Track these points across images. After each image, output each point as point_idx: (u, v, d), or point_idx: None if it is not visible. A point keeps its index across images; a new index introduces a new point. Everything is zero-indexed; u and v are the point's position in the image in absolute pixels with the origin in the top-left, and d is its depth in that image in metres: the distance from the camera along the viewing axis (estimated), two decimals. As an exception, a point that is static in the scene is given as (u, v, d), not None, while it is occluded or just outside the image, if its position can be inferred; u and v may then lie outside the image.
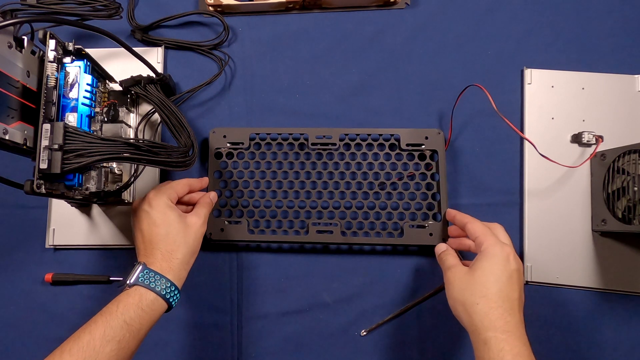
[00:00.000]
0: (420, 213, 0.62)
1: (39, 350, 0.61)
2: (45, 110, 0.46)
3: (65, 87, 0.50)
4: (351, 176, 0.63)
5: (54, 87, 0.48)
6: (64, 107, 0.50)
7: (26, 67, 0.46)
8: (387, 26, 0.68)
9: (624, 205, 0.56)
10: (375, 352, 0.62)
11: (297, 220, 0.62)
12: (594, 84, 0.64)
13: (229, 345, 0.62)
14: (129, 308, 0.44)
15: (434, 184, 0.62)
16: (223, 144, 0.63)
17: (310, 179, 0.63)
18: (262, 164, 0.64)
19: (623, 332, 0.61)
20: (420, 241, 0.61)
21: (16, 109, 0.45)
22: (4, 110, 0.43)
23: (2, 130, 0.42)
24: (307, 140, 0.63)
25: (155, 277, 0.47)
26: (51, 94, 0.47)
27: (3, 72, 0.43)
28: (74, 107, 0.50)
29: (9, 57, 0.44)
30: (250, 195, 0.63)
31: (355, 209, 0.62)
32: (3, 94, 0.43)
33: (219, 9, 0.67)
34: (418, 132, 0.63)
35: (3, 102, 0.43)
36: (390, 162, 0.63)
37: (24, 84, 0.46)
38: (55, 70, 0.48)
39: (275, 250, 0.64)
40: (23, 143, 0.45)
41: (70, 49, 0.50)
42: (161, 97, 0.57)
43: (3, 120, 0.42)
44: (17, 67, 0.45)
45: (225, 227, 0.61)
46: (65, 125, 0.43)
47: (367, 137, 0.63)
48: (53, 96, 0.47)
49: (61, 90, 0.49)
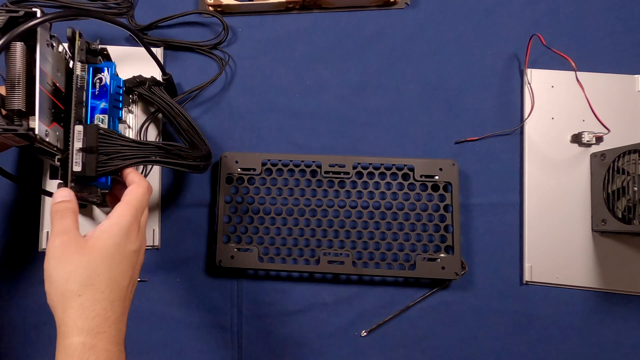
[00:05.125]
0: (433, 245, 0.62)
1: (39, 350, 0.62)
2: (76, 111, 0.45)
3: (93, 87, 0.48)
4: (363, 205, 0.63)
5: (83, 87, 0.47)
6: (93, 108, 0.48)
7: (56, 66, 0.44)
8: (387, 26, 0.68)
9: (624, 205, 0.56)
10: (375, 352, 0.62)
11: (307, 249, 0.62)
12: (594, 84, 0.64)
13: (229, 345, 0.62)
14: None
15: (447, 216, 0.62)
16: (234, 168, 0.63)
17: (322, 207, 0.63)
18: (273, 191, 0.63)
19: (623, 332, 0.61)
20: (432, 275, 0.60)
21: (52, 109, 0.43)
22: (45, 112, 0.41)
23: (45, 131, 0.40)
24: (319, 167, 0.63)
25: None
26: (81, 95, 0.46)
27: (45, 71, 0.41)
28: (104, 109, 0.48)
29: (47, 56, 0.42)
30: (260, 222, 0.62)
31: (367, 239, 0.62)
32: (45, 95, 0.41)
33: (218, 9, 0.67)
34: (432, 162, 0.62)
35: (45, 103, 0.41)
36: (403, 192, 0.63)
37: (56, 84, 0.44)
38: (84, 70, 0.47)
39: (284, 278, 0.63)
40: (55, 145, 0.43)
41: (96, 48, 0.49)
42: (168, 100, 0.57)
43: (44, 121, 0.41)
44: (51, 67, 0.43)
45: (235, 255, 0.61)
46: (98, 127, 0.43)
47: (380, 167, 0.63)
48: (83, 97, 0.46)
49: (89, 91, 0.48)
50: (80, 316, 0.33)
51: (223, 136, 0.66)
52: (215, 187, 0.64)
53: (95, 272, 0.34)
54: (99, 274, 0.34)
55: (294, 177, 0.64)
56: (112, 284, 0.35)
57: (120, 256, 0.36)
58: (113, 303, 0.34)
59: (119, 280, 0.35)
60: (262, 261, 0.61)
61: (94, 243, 0.36)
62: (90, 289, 0.33)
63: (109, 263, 0.35)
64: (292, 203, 0.63)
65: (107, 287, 0.34)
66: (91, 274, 0.34)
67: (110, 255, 0.35)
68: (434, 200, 0.63)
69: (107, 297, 0.34)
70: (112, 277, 0.35)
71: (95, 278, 0.34)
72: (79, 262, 0.34)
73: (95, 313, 0.33)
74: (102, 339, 0.33)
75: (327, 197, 0.63)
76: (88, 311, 0.33)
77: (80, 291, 0.33)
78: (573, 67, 0.63)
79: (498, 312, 0.62)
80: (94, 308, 0.33)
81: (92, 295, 0.33)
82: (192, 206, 0.64)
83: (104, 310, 0.33)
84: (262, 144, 0.66)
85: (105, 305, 0.34)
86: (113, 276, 0.35)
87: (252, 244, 0.62)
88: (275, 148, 0.65)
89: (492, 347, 0.61)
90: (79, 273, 0.34)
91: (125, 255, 0.37)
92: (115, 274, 0.35)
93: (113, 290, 0.35)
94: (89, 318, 0.33)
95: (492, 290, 0.62)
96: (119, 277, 0.35)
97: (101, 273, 0.34)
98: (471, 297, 0.62)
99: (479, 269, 0.63)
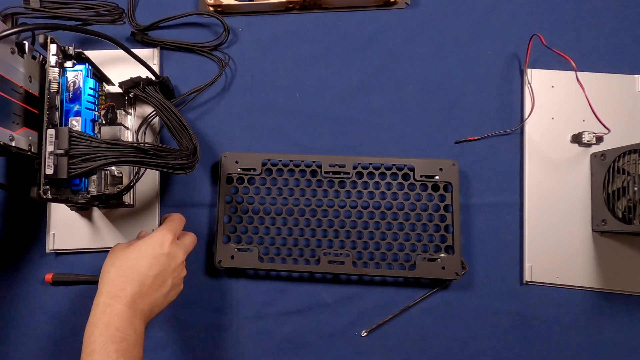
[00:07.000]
0: (433, 245, 0.62)
1: (39, 350, 0.62)
2: (49, 115, 0.46)
3: (67, 91, 0.50)
4: (363, 205, 0.63)
5: (57, 91, 0.48)
6: (67, 111, 0.50)
7: (28, 73, 0.46)
8: (387, 26, 0.68)
9: (624, 205, 0.56)
10: (375, 352, 0.62)
11: (307, 249, 0.62)
12: (594, 84, 0.64)
13: (229, 345, 0.62)
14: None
15: (447, 216, 0.62)
16: (235, 169, 0.63)
17: (322, 207, 0.63)
18: (273, 191, 0.63)
19: (623, 332, 0.61)
20: (432, 275, 0.60)
21: (20, 114, 0.45)
22: (8, 117, 0.43)
23: (9, 136, 0.42)
24: (319, 167, 0.63)
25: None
26: (54, 99, 0.47)
27: (6, 77, 0.43)
28: (78, 112, 0.50)
29: (11, 63, 0.44)
30: (260, 222, 0.62)
31: (367, 239, 0.62)
32: (7, 100, 0.43)
33: (219, 9, 0.67)
34: (432, 162, 0.62)
35: (7, 109, 0.43)
36: (403, 192, 0.63)
37: (26, 90, 0.46)
38: (57, 74, 0.48)
39: (284, 278, 0.64)
40: (28, 149, 0.45)
41: (71, 53, 0.50)
42: (161, 99, 0.57)
43: (8, 126, 0.42)
44: (20, 73, 0.45)
45: (235, 255, 0.61)
46: (70, 130, 0.43)
47: (380, 167, 0.63)
48: (56, 101, 0.47)
49: (63, 94, 0.49)
50: (105, 285, 0.46)
51: (223, 136, 0.66)
52: (215, 187, 0.65)
53: (122, 260, 0.48)
54: (126, 261, 0.48)
55: (294, 177, 0.64)
56: (135, 270, 0.47)
57: (148, 256, 0.49)
58: (132, 281, 0.46)
59: (140, 269, 0.48)
60: (262, 261, 0.61)
61: (136, 242, 0.50)
62: (115, 269, 0.47)
63: (135, 256, 0.48)
64: (292, 203, 0.63)
65: (129, 270, 0.47)
66: (120, 261, 0.48)
67: (139, 250, 0.49)
68: (434, 201, 0.63)
69: (127, 275, 0.47)
70: (134, 265, 0.48)
71: (122, 264, 0.48)
72: (119, 253, 0.49)
73: (114, 283, 0.46)
74: (116, 301, 0.45)
75: (327, 197, 0.63)
76: (110, 282, 0.46)
77: (109, 269, 0.48)
78: (573, 67, 0.63)
79: (498, 312, 0.62)
80: (116, 282, 0.46)
81: (114, 273, 0.47)
82: (192, 206, 0.64)
83: (122, 284, 0.46)
84: (262, 144, 0.66)
85: (124, 280, 0.46)
86: (135, 264, 0.48)
87: (252, 244, 0.62)
88: (275, 148, 0.65)
89: (492, 347, 0.61)
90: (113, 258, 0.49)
91: (154, 256, 0.49)
92: (138, 264, 0.48)
93: (134, 273, 0.47)
94: (110, 286, 0.46)
95: (492, 290, 0.62)
96: (142, 267, 0.48)
97: (127, 260, 0.48)
98: (471, 297, 0.62)
99: (479, 269, 0.63)
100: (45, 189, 0.43)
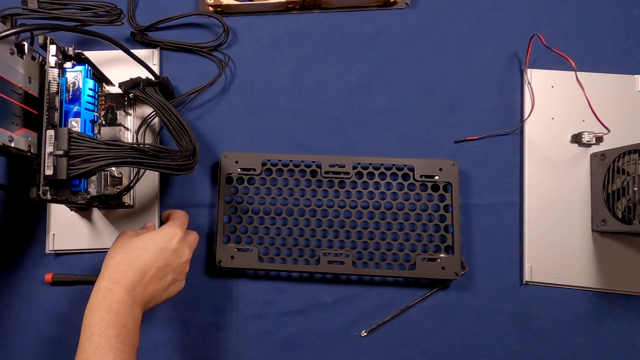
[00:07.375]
0: (432, 245, 0.62)
1: (39, 350, 0.62)
2: (49, 116, 0.46)
3: (67, 92, 0.50)
4: (363, 205, 0.63)
5: (56, 92, 0.48)
6: (67, 112, 0.50)
7: (27, 74, 0.46)
8: (387, 26, 0.68)
9: (624, 205, 0.56)
10: (375, 352, 0.62)
11: (307, 249, 0.62)
12: (594, 84, 0.64)
13: (229, 345, 0.62)
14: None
15: (447, 216, 0.62)
16: (234, 169, 0.63)
17: (322, 207, 0.63)
18: (273, 191, 0.63)
19: (623, 332, 0.61)
20: (432, 275, 0.60)
21: (19, 115, 0.45)
22: (8, 118, 0.43)
23: (8, 137, 0.42)
24: (319, 167, 0.63)
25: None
26: (53, 100, 0.47)
27: (6, 78, 0.43)
28: (77, 112, 0.50)
29: (11, 64, 0.44)
30: (260, 222, 0.62)
31: (367, 239, 0.62)
32: (6, 101, 0.43)
33: (218, 9, 0.67)
34: (432, 162, 0.62)
35: (7, 109, 0.43)
36: (403, 192, 0.63)
37: (26, 90, 0.46)
38: (57, 75, 0.48)
39: (284, 278, 0.64)
40: (27, 150, 0.45)
41: (70, 54, 0.50)
42: (160, 100, 0.57)
43: (8, 127, 0.42)
44: (19, 74, 0.45)
45: (235, 255, 0.61)
46: (69, 130, 0.43)
47: (380, 167, 0.63)
48: (55, 102, 0.47)
49: (63, 95, 0.49)
50: (108, 270, 0.47)
51: (223, 136, 0.66)
52: (215, 188, 0.65)
53: (129, 249, 0.49)
54: (132, 250, 0.49)
55: (294, 177, 0.64)
56: (139, 259, 0.48)
57: (154, 247, 0.50)
58: (134, 270, 0.47)
59: (145, 259, 0.48)
60: (262, 261, 0.61)
61: (145, 233, 0.51)
62: (120, 256, 0.48)
63: (142, 246, 0.50)
64: (292, 203, 0.63)
65: (133, 259, 0.48)
66: (126, 249, 0.49)
67: (147, 241, 0.50)
68: (434, 201, 0.63)
69: (131, 263, 0.48)
70: (139, 255, 0.49)
71: (128, 252, 0.49)
72: (127, 241, 0.50)
73: (117, 269, 0.47)
74: (117, 287, 0.46)
75: (327, 197, 0.63)
76: (113, 268, 0.47)
77: (114, 255, 0.49)
78: (573, 67, 0.63)
79: (498, 312, 0.62)
80: (119, 268, 0.47)
81: (118, 260, 0.48)
82: (192, 206, 0.64)
83: (125, 271, 0.47)
84: (262, 144, 0.66)
85: (126, 268, 0.47)
86: (141, 254, 0.49)
87: (252, 244, 0.62)
88: (275, 148, 0.65)
89: (492, 347, 0.61)
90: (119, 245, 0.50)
91: (161, 249, 0.50)
92: (143, 254, 0.49)
93: (138, 262, 0.48)
94: (113, 272, 0.47)
95: (492, 290, 0.62)
96: (147, 258, 0.49)
97: (134, 249, 0.49)
98: (471, 297, 0.62)
99: (479, 269, 0.63)
100: (44, 190, 0.43)
